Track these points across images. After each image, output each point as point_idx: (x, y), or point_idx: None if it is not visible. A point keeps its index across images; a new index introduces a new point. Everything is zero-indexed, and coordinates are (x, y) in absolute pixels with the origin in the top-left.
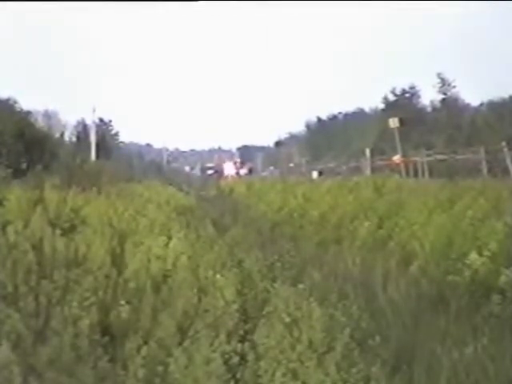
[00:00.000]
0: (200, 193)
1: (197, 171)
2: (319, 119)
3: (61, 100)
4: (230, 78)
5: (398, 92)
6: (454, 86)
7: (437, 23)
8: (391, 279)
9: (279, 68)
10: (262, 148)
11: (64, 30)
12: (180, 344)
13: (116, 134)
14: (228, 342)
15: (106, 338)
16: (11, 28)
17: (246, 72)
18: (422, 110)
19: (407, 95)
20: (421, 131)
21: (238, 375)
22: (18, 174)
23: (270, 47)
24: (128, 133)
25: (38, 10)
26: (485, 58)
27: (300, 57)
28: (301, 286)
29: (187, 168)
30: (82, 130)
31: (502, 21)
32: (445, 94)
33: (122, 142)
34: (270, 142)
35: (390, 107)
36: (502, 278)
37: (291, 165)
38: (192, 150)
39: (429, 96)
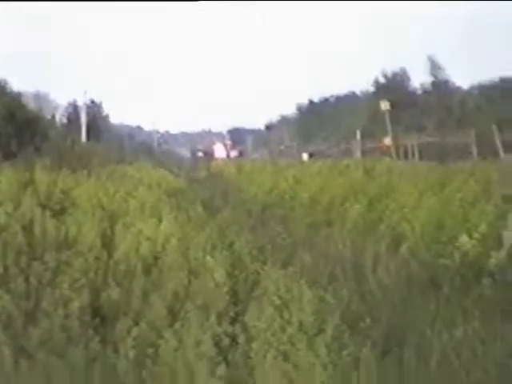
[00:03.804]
0: (190, 175)
1: (187, 153)
2: (311, 102)
3: (52, 82)
4: (221, 61)
5: (388, 75)
6: (444, 69)
7: (426, 7)
8: (381, 262)
9: (271, 50)
10: (253, 131)
11: (56, 14)
12: (170, 326)
13: (107, 116)
14: (219, 324)
15: (97, 320)
16: (2, 12)
17: (238, 54)
18: (413, 92)
19: (398, 78)
20: (411, 114)
21: (229, 357)
22: (8, 155)
23: (263, 30)
24: (119, 115)
25: None
26: (475, 41)
27: (292, 40)
28: (291, 268)
29: (182, 149)
30: (73, 111)
31: (491, 5)
32: (435, 77)
33: (112, 124)
34: (260, 125)
35: (381, 90)
36: (492, 261)
37: (282, 147)
38: (182, 133)
39: (419, 79)
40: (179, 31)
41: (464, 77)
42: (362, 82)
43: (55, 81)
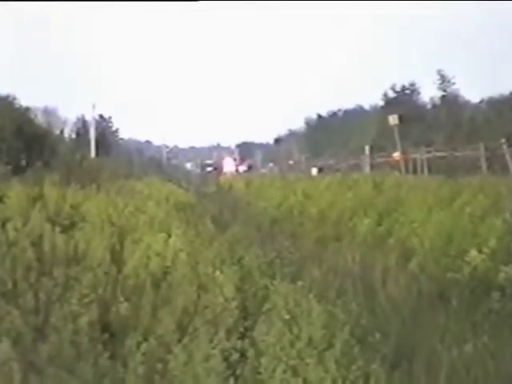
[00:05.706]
0: (199, 189)
1: (195, 168)
2: (319, 116)
3: (61, 96)
4: (230, 75)
5: (397, 89)
6: (454, 83)
7: (437, 22)
8: (391, 276)
9: (279, 64)
10: (262, 145)
11: (64, 28)
12: (180, 341)
13: (116, 131)
14: (228, 339)
15: (106, 335)
16: (11, 26)
17: (246, 69)
18: (422, 106)
19: (407, 92)
20: (420, 128)
21: (238, 372)
22: (17, 170)
23: (270, 44)
24: (128, 129)
25: (39, 9)
26: (485, 55)
27: (300, 53)
28: (300, 282)
29: (188, 165)
30: (82, 126)
31: (501, 19)
32: (444, 90)
33: (121, 139)
34: (269, 139)
35: (390, 104)
36: (502, 275)
37: (291, 162)
38: (191, 147)
39: (429, 93)
40: (188, 46)
41: (474, 90)
42: (370, 96)
43: (64, 96)
